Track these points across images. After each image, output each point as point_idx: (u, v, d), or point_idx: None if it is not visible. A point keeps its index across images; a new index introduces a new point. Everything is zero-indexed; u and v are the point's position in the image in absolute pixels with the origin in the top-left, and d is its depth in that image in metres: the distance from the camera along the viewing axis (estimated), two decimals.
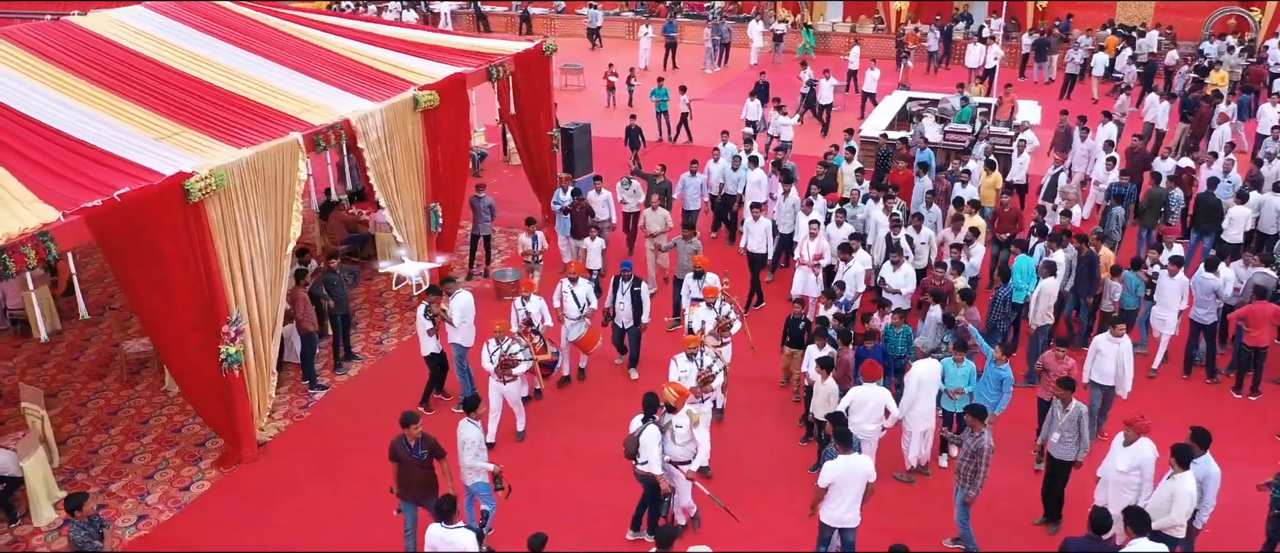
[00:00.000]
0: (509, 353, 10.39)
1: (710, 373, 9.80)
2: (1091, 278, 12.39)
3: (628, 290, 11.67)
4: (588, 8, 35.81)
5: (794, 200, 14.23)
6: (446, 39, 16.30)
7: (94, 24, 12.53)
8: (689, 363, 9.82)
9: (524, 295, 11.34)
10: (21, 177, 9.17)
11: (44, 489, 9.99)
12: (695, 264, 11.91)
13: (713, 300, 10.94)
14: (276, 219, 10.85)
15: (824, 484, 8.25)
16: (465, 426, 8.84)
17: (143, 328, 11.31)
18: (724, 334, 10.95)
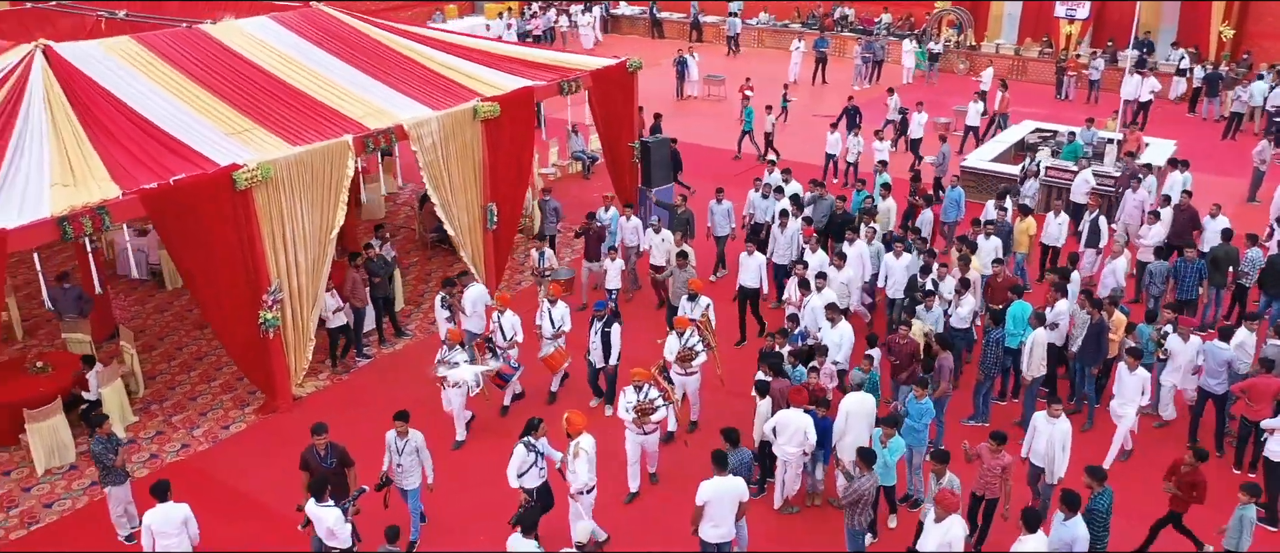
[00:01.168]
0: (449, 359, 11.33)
1: (651, 405, 10.24)
2: (1099, 347, 11.86)
3: (599, 330, 11.92)
4: (728, 15, 36.56)
5: (793, 231, 14.40)
6: (531, 53, 17.68)
7: (219, 31, 14.85)
8: (635, 395, 10.26)
9: (500, 309, 12.24)
10: (106, 158, 11.38)
11: (119, 413, 12.26)
12: (690, 287, 12.37)
13: (682, 330, 11.39)
14: (322, 208, 12.63)
15: (700, 503, 8.97)
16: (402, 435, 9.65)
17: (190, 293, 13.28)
18: (686, 364, 11.32)
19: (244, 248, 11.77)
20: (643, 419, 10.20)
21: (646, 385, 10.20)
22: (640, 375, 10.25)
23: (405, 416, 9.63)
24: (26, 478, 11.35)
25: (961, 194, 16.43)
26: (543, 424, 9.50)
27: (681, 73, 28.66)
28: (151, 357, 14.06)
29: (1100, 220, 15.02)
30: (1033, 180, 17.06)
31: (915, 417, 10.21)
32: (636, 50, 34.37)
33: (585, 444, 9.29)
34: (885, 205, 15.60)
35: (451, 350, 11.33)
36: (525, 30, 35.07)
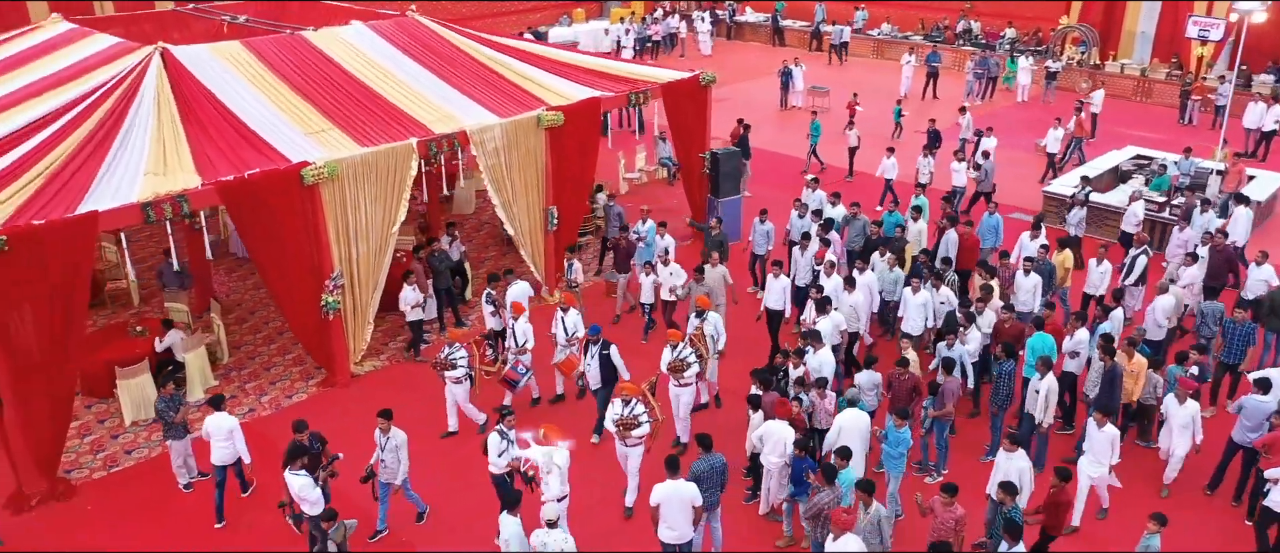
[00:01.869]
0: (449, 357, 12.18)
1: (634, 420, 10.57)
2: (1111, 393, 11.68)
3: (596, 354, 12.06)
4: (832, 23, 36.42)
5: (812, 253, 14.62)
6: (607, 64, 18.51)
7: (317, 37, 16.34)
8: (621, 408, 10.65)
9: (514, 316, 13.01)
10: (196, 151, 12.90)
11: (200, 377, 13.85)
12: (697, 303, 12.80)
13: (676, 343, 11.85)
14: (384, 204, 13.85)
15: (653, 504, 9.60)
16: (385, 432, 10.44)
17: (260, 276, 14.70)
18: (678, 375, 11.80)
19: (309, 237, 13.10)
20: (624, 432, 10.65)
21: (634, 400, 10.64)
22: (629, 390, 10.73)
23: (388, 414, 10.34)
24: (115, 427, 13.02)
25: (1000, 221, 16.28)
26: (513, 414, 10.24)
27: (786, 83, 28.95)
28: (240, 329, 15.68)
29: (1141, 258, 14.65)
30: (1079, 209, 16.71)
31: (893, 444, 10.46)
32: (755, 58, 35.05)
33: (558, 458, 9.82)
34: (915, 228, 15.66)
35: (453, 348, 12.27)
36: (645, 35, 35.99)
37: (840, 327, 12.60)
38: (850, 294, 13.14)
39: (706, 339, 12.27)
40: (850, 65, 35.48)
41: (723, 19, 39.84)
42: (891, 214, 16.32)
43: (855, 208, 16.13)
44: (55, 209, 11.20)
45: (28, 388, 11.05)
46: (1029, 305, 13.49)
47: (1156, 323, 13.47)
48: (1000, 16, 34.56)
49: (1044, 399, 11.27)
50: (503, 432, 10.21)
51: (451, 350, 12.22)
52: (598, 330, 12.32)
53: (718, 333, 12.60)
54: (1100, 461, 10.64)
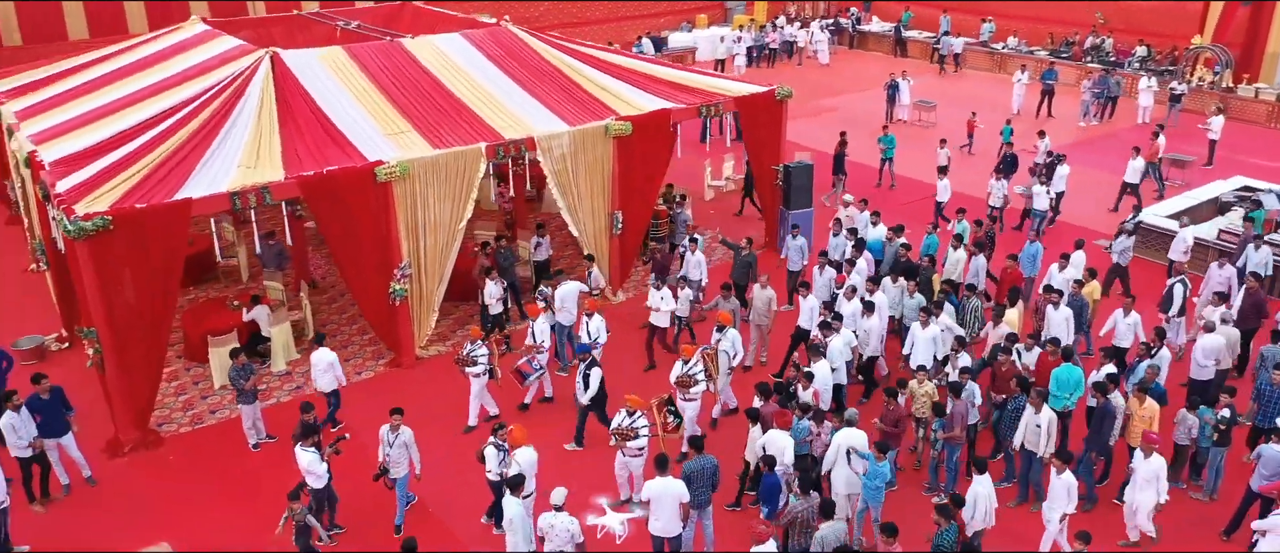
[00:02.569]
0: (471, 354, 13.10)
1: (631, 431, 11.20)
2: (1099, 432, 11.74)
3: (582, 372, 12.64)
4: (946, 34, 35.69)
5: (829, 277, 14.85)
6: (685, 77, 19.11)
7: (413, 45, 17.68)
8: (624, 419, 11.27)
9: (532, 317, 13.89)
10: (286, 147, 14.36)
11: (283, 350, 15.39)
12: (719, 319, 13.33)
13: (687, 358, 12.40)
14: (452, 202, 15.00)
15: (644, 498, 10.33)
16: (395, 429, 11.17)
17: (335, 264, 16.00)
18: (685, 389, 12.30)
19: (380, 230, 14.38)
20: (621, 442, 11.26)
21: (638, 413, 11.26)
22: (633, 403, 11.32)
23: (399, 412, 11.13)
24: (206, 389, 14.67)
25: (1040, 249, 16.09)
26: (506, 427, 10.91)
27: (892, 96, 28.85)
28: (328, 309, 17.20)
29: (1177, 288, 14.29)
30: (1126, 238, 16.28)
31: (871, 477, 10.69)
32: (873, 69, 34.88)
33: (520, 457, 10.50)
34: (954, 256, 15.67)
35: (474, 345, 13.21)
36: (762, 43, 36.38)
37: (850, 344, 12.93)
38: (866, 318, 13.41)
39: (718, 356, 12.71)
40: (963, 78, 34.90)
41: (846, 28, 39.72)
42: (930, 236, 16.42)
43: (895, 231, 16.31)
44: (157, 195, 12.81)
45: (126, 350, 12.70)
46: (1062, 341, 13.34)
47: (1200, 363, 13.19)
48: (1133, 33, 33.26)
49: (1045, 432, 11.31)
50: (498, 445, 10.81)
51: (473, 347, 13.17)
52: (586, 349, 12.94)
53: (735, 350, 13.08)
54: (1055, 507, 10.59)
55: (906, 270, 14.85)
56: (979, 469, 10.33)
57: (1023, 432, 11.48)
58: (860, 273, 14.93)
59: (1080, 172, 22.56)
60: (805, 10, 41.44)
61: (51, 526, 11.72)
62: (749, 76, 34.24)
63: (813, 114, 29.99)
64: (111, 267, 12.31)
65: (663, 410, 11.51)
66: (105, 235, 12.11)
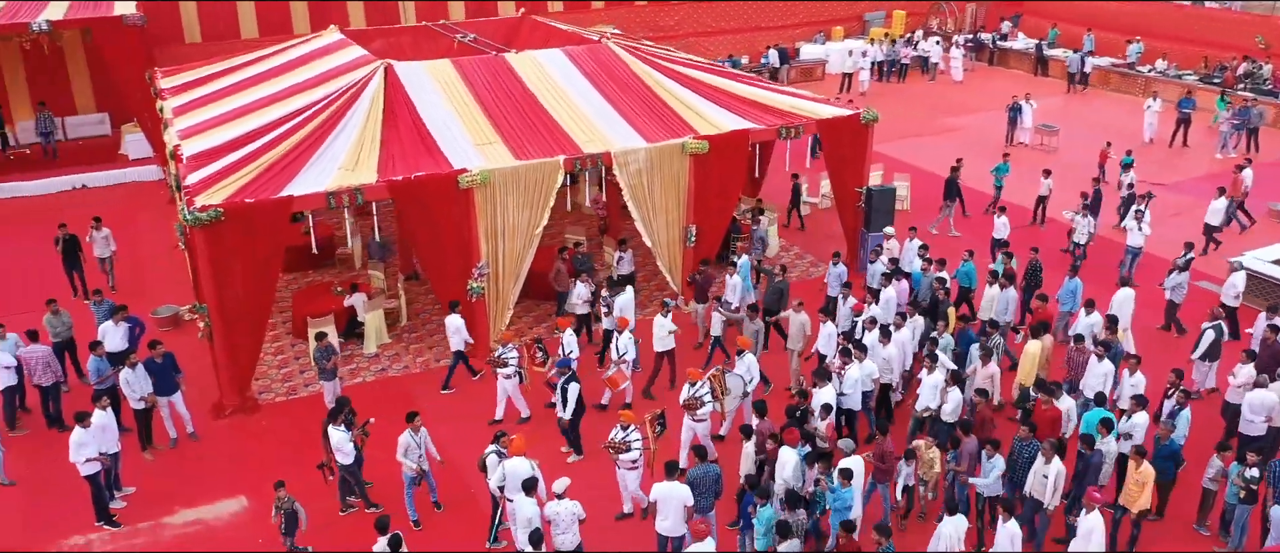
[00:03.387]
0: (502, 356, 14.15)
1: (623, 445, 11.91)
2: (1083, 480, 11.81)
3: (560, 387, 13.38)
4: (1070, 51, 34.30)
5: (849, 306, 15.11)
6: (772, 97, 19.58)
7: (515, 59, 19.02)
8: (619, 432, 11.97)
9: (562, 329, 14.86)
10: (384, 152, 15.93)
11: (375, 335, 17.05)
12: (739, 343, 13.91)
13: (694, 381, 12.98)
14: (530, 210, 16.21)
15: (651, 499, 11.20)
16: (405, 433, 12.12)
17: (419, 262, 17.38)
18: (692, 411, 12.88)
19: (461, 232, 15.74)
20: (615, 455, 12.01)
21: (631, 427, 12.03)
22: (627, 418, 12.07)
23: (414, 415, 12.14)
24: (304, 365, 16.45)
25: (1079, 285, 15.83)
26: (506, 436, 11.76)
27: (1014, 118, 28.33)
28: (424, 299, 18.79)
29: (1209, 332, 13.88)
30: (1179, 274, 15.76)
31: (834, 499, 11.11)
32: (1009, 87, 34.00)
33: (508, 467, 11.25)
34: (990, 292, 15.63)
35: (505, 348, 14.30)
36: (894, 57, 36.16)
37: (872, 375, 13.34)
38: (884, 347, 13.77)
39: (729, 379, 13.25)
40: (1092, 100, 33.67)
41: (986, 44, 38.91)
42: (966, 264, 16.62)
43: (937, 264, 16.55)
44: (264, 192, 14.59)
45: (231, 325, 14.55)
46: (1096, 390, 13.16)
47: (1248, 418, 12.92)
48: None
49: (1052, 483, 11.37)
50: (499, 452, 11.65)
51: (504, 350, 14.27)
52: (567, 364, 13.73)
53: (751, 375, 13.66)
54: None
55: (930, 306, 15.04)
56: (951, 511, 10.66)
57: (1032, 480, 11.60)
58: (887, 303, 15.19)
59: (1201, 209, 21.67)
60: (948, 24, 40.79)
61: (154, 472, 13.64)
62: (873, 92, 34.31)
63: (934, 133, 29.82)
64: (222, 252, 14.14)
65: (654, 425, 12.23)
66: (218, 225, 13.94)
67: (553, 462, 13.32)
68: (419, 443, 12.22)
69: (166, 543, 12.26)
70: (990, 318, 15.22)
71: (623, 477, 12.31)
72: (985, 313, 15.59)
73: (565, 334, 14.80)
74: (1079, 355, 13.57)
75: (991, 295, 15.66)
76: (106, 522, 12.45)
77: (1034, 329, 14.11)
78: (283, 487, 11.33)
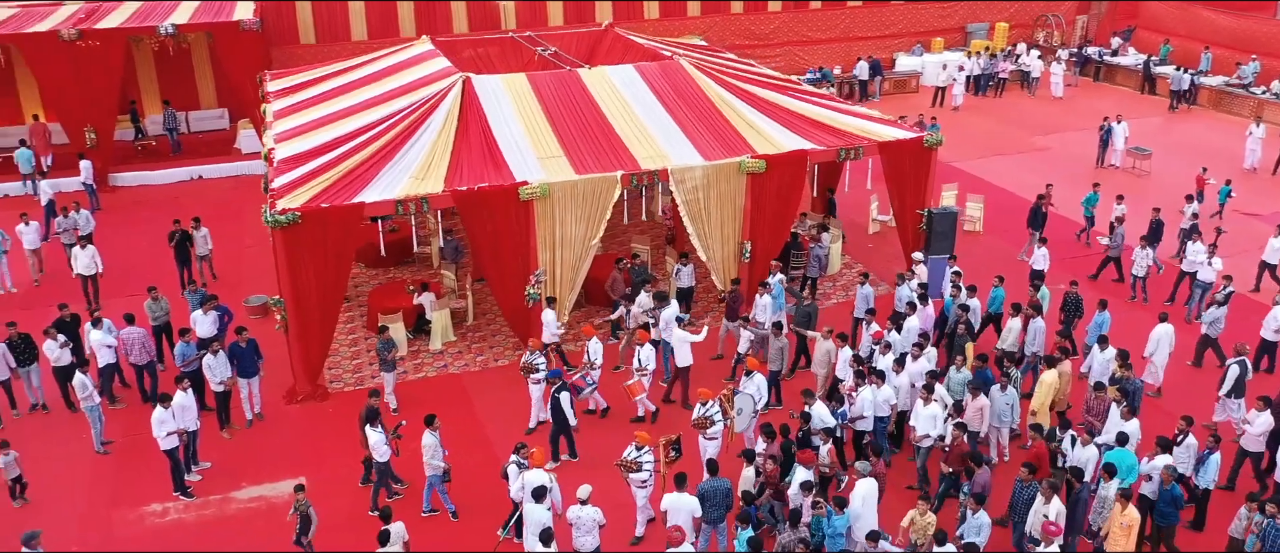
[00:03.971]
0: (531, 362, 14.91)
1: (634, 465, 12.44)
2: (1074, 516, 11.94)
3: (553, 395, 14.00)
4: (1173, 68, 32.88)
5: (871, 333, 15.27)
6: (838, 118, 19.84)
7: (587, 75, 19.82)
8: (636, 452, 12.48)
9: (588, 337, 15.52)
10: (453, 162, 16.99)
11: (441, 332, 18.17)
12: (748, 364, 14.29)
13: (706, 400, 13.40)
14: (587, 222, 17.02)
15: (663, 509, 11.84)
16: (426, 434, 12.91)
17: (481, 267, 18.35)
18: (701, 429, 13.33)
19: (520, 241, 16.68)
20: (625, 473, 12.55)
21: (645, 448, 12.54)
22: (642, 439, 12.62)
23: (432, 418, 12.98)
24: (373, 358, 17.67)
25: (1108, 319, 15.62)
26: (526, 447, 12.45)
27: (1105, 140, 27.68)
28: (489, 300, 19.81)
29: (1234, 367, 13.59)
30: (1217, 308, 15.34)
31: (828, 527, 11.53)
32: (1111, 105, 33.06)
33: (527, 478, 11.88)
34: (1012, 323, 15.61)
35: (533, 354, 15.05)
36: (990, 71, 35.58)
37: (888, 400, 13.63)
38: (897, 375, 14.02)
39: (738, 399, 13.68)
40: (1195, 121, 32.41)
41: (1092, 59, 37.85)
42: (996, 290, 16.74)
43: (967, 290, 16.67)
44: (339, 197, 15.83)
45: (305, 319, 15.84)
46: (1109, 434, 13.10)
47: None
48: None
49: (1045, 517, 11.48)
50: (520, 463, 12.33)
51: (531, 356, 15.04)
52: (558, 374, 14.38)
53: (760, 395, 14.10)
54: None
55: (949, 337, 15.16)
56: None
57: (1032, 520, 11.74)
58: (909, 331, 15.38)
59: None
60: (1053, 37, 39.82)
61: (230, 449, 15.02)
62: (966, 107, 33.92)
63: (1022, 151, 29.37)
64: (297, 252, 15.43)
65: (667, 449, 12.77)
66: (294, 227, 15.22)
67: (570, 466, 14.19)
68: (438, 443, 13.00)
69: (230, 515, 13.57)
70: (1004, 348, 15.28)
71: (636, 494, 12.85)
72: (1003, 343, 15.69)
73: (590, 342, 15.52)
74: (1098, 403, 13.49)
75: (1013, 327, 15.68)
76: (181, 492, 13.85)
77: (1050, 359, 14.17)
78: (302, 490, 12.16)
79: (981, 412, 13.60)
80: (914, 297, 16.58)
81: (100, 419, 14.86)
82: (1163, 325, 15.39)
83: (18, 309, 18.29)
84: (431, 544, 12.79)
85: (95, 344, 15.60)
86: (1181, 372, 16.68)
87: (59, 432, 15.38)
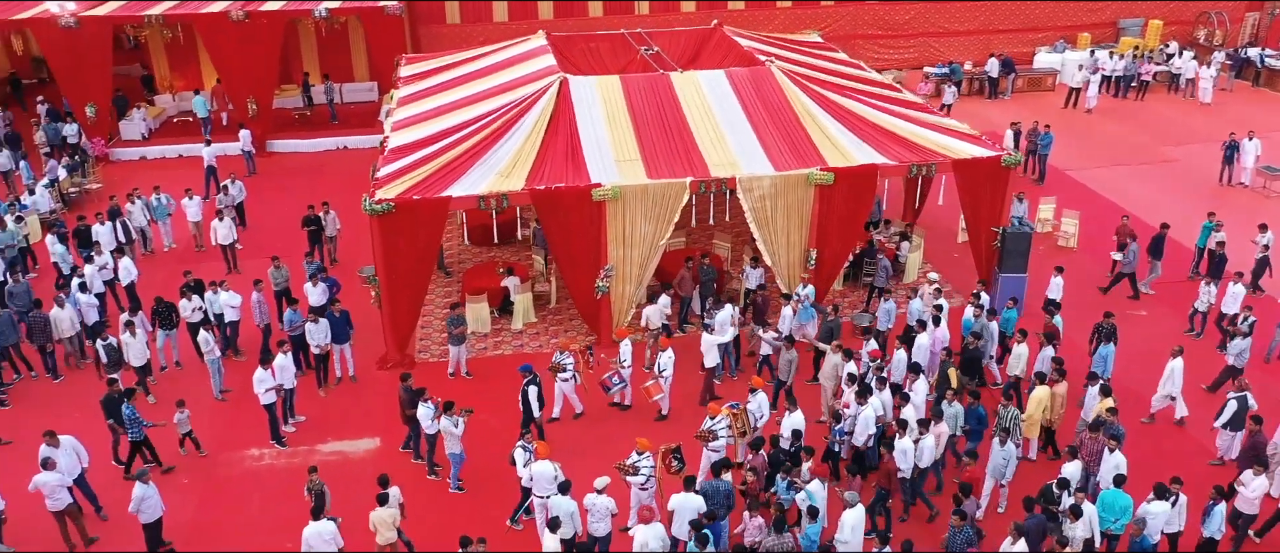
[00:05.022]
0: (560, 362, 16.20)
1: (633, 468, 13.44)
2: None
3: (523, 389, 15.27)
4: None
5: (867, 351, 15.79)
6: (919, 132, 20.05)
7: (677, 79, 20.87)
8: (638, 457, 13.48)
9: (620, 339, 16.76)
10: (539, 161, 18.48)
11: (522, 313, 19.88)
12: (753, 383, 15.15)
13: (714, 415, 14.30)
14: (656, 223, 18.23)
15: (670, 508, 13.05)
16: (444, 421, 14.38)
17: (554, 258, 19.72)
18: (704, 441, 14.22)
19: (592, 238, 18.07)
20: (624, 475, 13.47)
21: (646, 454, 13.51)
22: (643, 445, 13.53)
23: (451, 404, 14.51)
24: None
25: (1111, 350, 15.66)
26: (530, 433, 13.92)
27: (1229, 157, 26.45)
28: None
29: (1232, 403, 13.42)
30: (1242, 340, 14.90)
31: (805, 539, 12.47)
32: (1264, 116, 31.18)
33: (535, 469, 13.25)
34: (1018, 350, 15.77)
35: (562, 355, 16.32)
36: (1132, 73, 34.16)
37: (877, 412, 14.37)
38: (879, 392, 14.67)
39: (747, 415, 14.58)
40: None
41: (1252, 61, 35.67)
42: (1010, 311, 17.00)
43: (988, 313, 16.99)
44: (430, 190, 17.65)
45: (396, 296, 17.85)
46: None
47: None
48: None
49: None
50: (525, 447, 13.71)
51: (561, 357, 16.35)
52: (527, 368, 15.53)
53: (762, 412, 14.90)
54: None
55: (942, 367, 15.55)
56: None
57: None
58: (920, 348, 15.98)
59: None
60: (1214, 36, 37.66)
61: (323, 406, 17.23)
62: (1101, 109, 32.81)
63: (1145, 163, 28.40)
64: (390, 237, 17.37)
65: (668, 457, 13.79)
66: (388, 216, 17.16)
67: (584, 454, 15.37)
68: (456, 424, 14.52)
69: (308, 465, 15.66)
70: (1015, 374, 15.58)
71: (634, 494, 13.85)
72: (1012, 369, 16.02)
73: (623, 344, 16.79)
74: (1094, 444, 13.67)
75: (1020, 353, 15.96)
76: (277, 441, 16.12)
77: (1040, 375, 14.49)
78: (315, 472, 13.72)
79: (939, 438, 14.14)
80: (928, 315, 17.04)
81: (220, 371, 17.37)
82: (1175, 361, 15.41)
83: (175, 269, 21.10)
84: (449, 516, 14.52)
85: (222, 305, 18.11)
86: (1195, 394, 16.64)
87: (188, 381, 17.93)
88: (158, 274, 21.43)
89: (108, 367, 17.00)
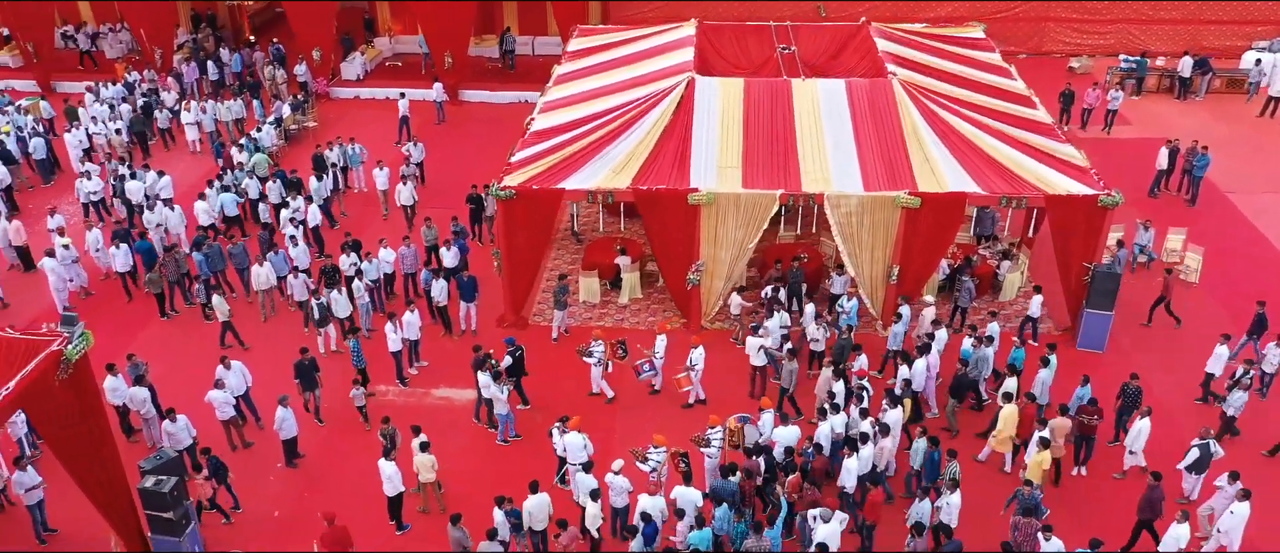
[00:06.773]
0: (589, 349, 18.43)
1: (643, 457, 15.46)
2: None
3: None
4: None
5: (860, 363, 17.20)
6: (1022, 160, 20.34)
7: (797, 86, 22.12)
8: (653, 451, 15.49)
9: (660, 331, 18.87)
10: (648, 160, 20.56)
11: (629, 289, 22.32)
12: (762, 403, 16.82)
13: (713, 425, 16.15)
14: (746, 228, 20.00)
15: (672, 497, 15.22)
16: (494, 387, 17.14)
17: (652, 249, 21.69)
18: (700, 446, 15.97)
19: (686, 236, 20.11)
20: (636, 459, 15.63)
21: (661, 449, 15.48)
22: (658, 441, 15.56)
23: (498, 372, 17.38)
24: (573, 299, 22.26)
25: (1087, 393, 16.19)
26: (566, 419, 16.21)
27: None
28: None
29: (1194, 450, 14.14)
30: (1242, 393, 14.80)
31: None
32: None
33: (567, 440, 15.73)
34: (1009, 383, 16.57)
35: (594, 342, 18.48)
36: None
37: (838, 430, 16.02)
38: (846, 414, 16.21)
39: (743, 432, 16.29)
40: None
41: None
42: (1018, 351, 17.73)
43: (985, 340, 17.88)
44: (549, 180, 20.25)
45: (515, 268, 20.76)
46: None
47: None
48: None
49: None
50: (561, 425, 16.13)
51: (593, 344, 18.55)
52: (511, 341, 18.22)
53: (764, 430, 16.41)
54: None
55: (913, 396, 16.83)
56: None
57: None
58: (917, 376, 17.22)
59: None
60: None
61: (443, 353, 20.53)
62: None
63: None
64: (511, 219, 20.21)
65: (676, 458, 15.63)
66: (511, 201, 19.96)
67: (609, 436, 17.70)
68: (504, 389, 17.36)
69: (424, 405, 19.10)
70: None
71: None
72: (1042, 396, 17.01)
73: (659, 338, 18.83)
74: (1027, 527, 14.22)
75: (1043, 378, 16.96)
76: (400, 381, 19.62)
77: (1006, 394, 15.58)
78: (388, 421, 16.80)
79: (882, 451, 15.63)
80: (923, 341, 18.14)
81: (368, 313, 21.07)
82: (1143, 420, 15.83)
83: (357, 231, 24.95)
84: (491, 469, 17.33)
85: (381, 260, 21.74)
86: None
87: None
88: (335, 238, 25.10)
89: (317, 323, 20.28)
